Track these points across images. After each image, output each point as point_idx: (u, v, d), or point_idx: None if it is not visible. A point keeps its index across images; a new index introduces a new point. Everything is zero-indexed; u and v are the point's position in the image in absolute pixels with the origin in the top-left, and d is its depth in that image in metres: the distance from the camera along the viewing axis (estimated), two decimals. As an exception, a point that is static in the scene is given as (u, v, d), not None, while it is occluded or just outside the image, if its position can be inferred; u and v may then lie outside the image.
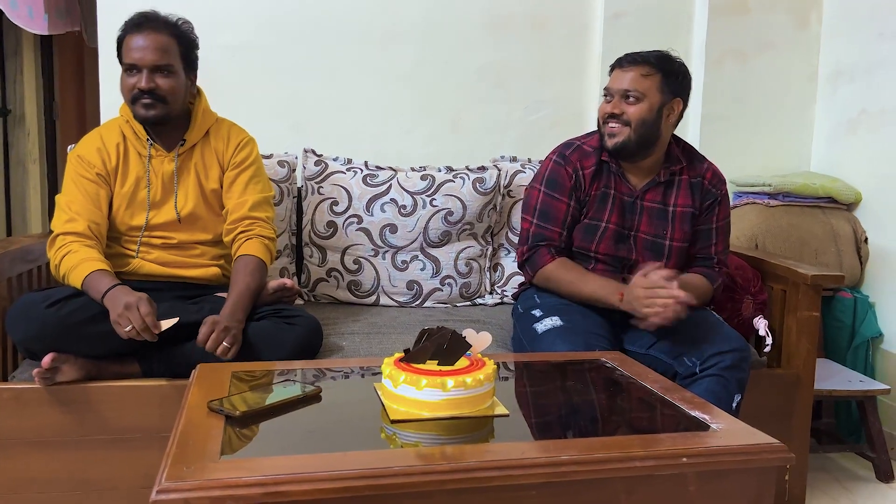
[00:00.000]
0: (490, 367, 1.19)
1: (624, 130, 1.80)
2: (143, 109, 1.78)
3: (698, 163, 1.93)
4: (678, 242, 1.88)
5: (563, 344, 1.68)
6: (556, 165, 1.91)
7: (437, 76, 2.63)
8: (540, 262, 1.87)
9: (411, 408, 1.14)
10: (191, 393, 1.23)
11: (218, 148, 1.91)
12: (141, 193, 1.83)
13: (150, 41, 1.76)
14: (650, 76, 1.80)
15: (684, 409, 1.21)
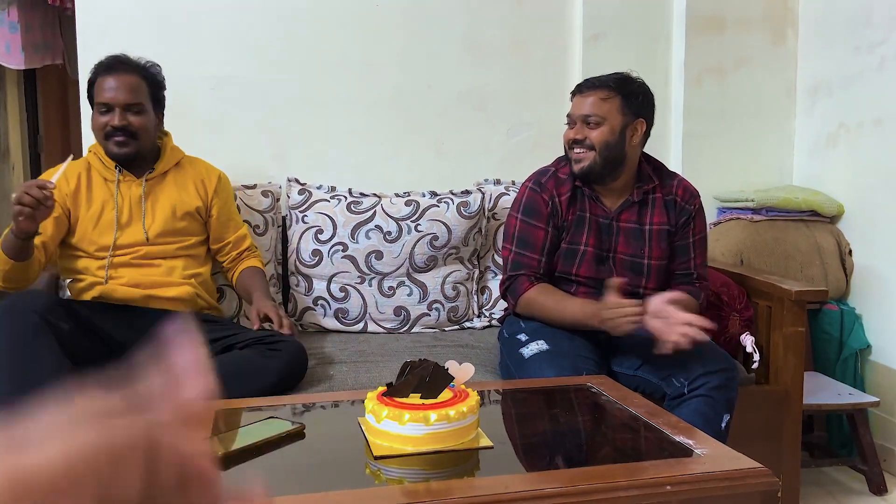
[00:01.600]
0: (473, 399, 1.19)
1: (588, 155, 1.82)
2: (115, 147, 1.87)
3: (669, 180, 1.95)
4: (656, 261, 1.89)
5: (550, 368, 1.67)
6: (532, 193, 1.92)
7: (419, 102, 2.64)
8: (520, 290, 1.87)
9: (395, 443, 1.13)
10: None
11: (195, 176, 2.03)
12: (108, 215, 1.91)
13: (122, 82, 1.87)
14: (609, 99, 1.82)
15: (669, 434, 1.20)
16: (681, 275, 1.93)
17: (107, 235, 1.90)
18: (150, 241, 1.92)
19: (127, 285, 1.88)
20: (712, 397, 1.63)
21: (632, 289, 1.87)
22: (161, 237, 1.94)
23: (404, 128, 2.64)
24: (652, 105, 1.90)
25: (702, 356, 1.69)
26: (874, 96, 2.45)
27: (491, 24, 2.67)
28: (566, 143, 1.89)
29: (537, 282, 1.87)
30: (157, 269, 1.93)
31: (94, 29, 2.44)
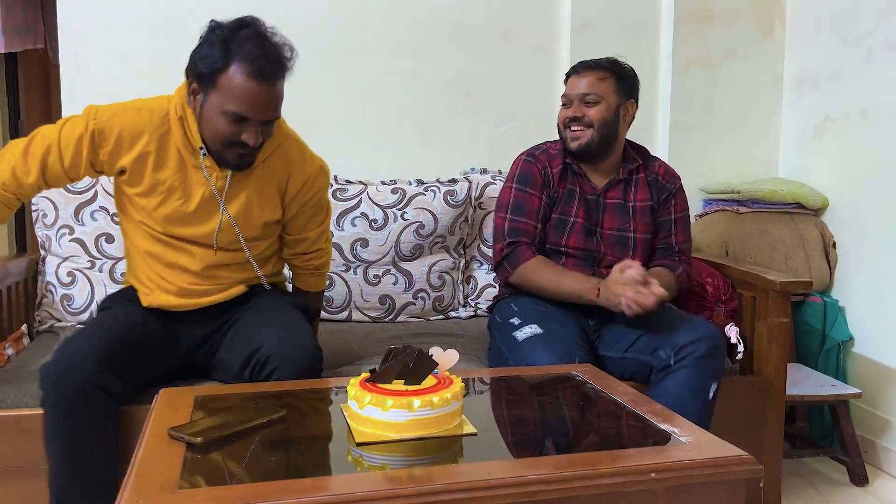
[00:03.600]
0: (457, 386, 1.17)
1: (587, 132, 1.90)
2: (236, 159, 1.56)
3: (651, 161, 2.03)
4: (641, 234, 1.95)
5: (544, 351, 1.67)
6: (527, 163, 1.99)
7: (405, 89, 2.62)
8: (521, 258, 1.89)
9: (378, 429, 1.12)
10: (152, 419, 1.20)
11: (282, 175, 1.68)
12: (173, 205, 1.61)
13: (272, 94, 1.49)
14: (605, 79, 1.91)
15: (653, 421, 1.20)
16: (662, 248, 1.98)
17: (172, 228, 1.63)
18: (217, 248, 1.66)
19: (174, 295, 1.66)
20: (698, 367, 1.64)
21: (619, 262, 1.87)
22: (230, 245, 1.68)
23: (390, 115, 2.62)
24: (638, 88, 1.99)
25: (685, 327, 1.71)
26: (861, 89, 2.46)
27: (479, 11, 2.65)
28: (561, 122, 1.95)
29: (535, 252, 1.90)
30: (213, 280, 1.68)
31: (76, 12, 2.40)
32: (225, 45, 1.47)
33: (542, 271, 1.87)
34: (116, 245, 2.18)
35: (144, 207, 1.64)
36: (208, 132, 1.54)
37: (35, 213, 2.22)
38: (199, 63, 1.50)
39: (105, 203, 2.19)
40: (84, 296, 2.16)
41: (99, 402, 1.42)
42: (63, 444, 1.43)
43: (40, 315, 2.18)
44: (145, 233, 1.66)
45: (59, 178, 1.61)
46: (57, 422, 1.43)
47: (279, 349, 1.51)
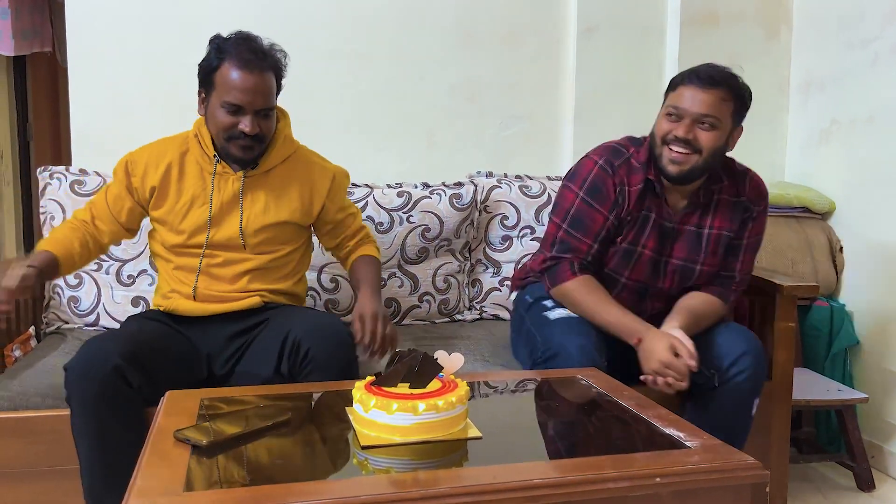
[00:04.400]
0: (462, 389, 1.17)
1: (692, 158, 1.65)
2: (239, 151, 1.69)
3: (740, 179, 1.79)
4: (709, 267, 1.78)
5: (576, 335, 1.65)
6: (602, 172, 1.74)
7: (411, 93, 2.62)
8: (560, 277, 1.76)
9: (383, 433, 1.12)
10: (158, 421, 1.20)
11: (304, 179, 1.81)
12: (197, 211, 1.74)
13: (259, 83, 1.65)
14: (727, 101, 1.64)
15: (659, 426, 1.20)
16: (723, 276, 1.82)
17: (198, 235, 1.74)
18: (247, 247, 1.75)
19: (189, 299, 1.74)
20: (744, 388, 1.61)
21: (673, 292, 1.82)
22: (255, 248, 1.76)
23: (396, 119, 2.62)
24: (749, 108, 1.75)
25: (728, 340, 1.66)
26: (867, 93, 2.45)
27: (484, 15, 2.65)
28: (661, 136, 1.68)
29: (581, 272, 1.74)
30: (232, 283, 1.75)
31: (84, 15, 2.41)
32: (218, 49, 1.69)
33: (583, 296, 1.72)
34: (123, 248, 2.19)
35: (171, 223, 1.76)
36: (213, 130, 1.71)
37: (43, 215, 2.22)
38: (201, 68, 1.72)
39: (112, 206, 2.19)
40: (91, 298, 2.17)
41: (123, 395, 1.47)
42: (91, 438, 1.47)
43: (48, 317, 2.18)
44: (173, 248, 1.78)
45: (104, 215, 1.80)
46: (84, 417, 1.47)
47: (311, 332, 1.57)
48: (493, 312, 2.43)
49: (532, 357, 1.73)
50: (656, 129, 1.71)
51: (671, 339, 1.60)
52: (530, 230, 2.44)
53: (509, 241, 2.44)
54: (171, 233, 1.77)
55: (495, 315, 2.43)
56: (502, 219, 2.44)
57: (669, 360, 1.56)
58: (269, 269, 1.79)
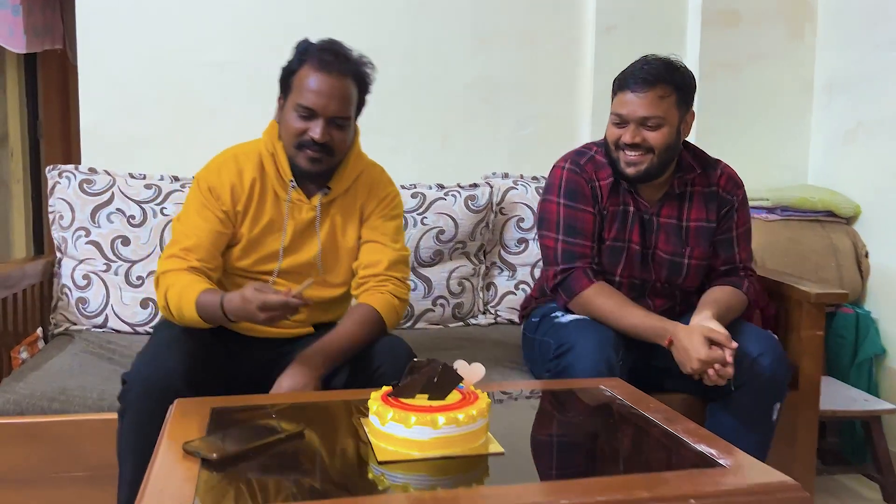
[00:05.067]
0: (483, 402, 1.12)
1: (646, 158, 1.66)
2: (306, 162, 1.56)
3: (711, 169, 1.79)
4: (696, 260, 1.77)
5: (591, 332, 1.61)
6: (572, 174, 1.75)
7: (425, 93, 2.57)
8: (577, 287, 1.71)
9: (400, 447, 1.07)
10: (166, 432, 1.15)
11: (360, 200, 1.69)
12: (270, 240, 1.62)
13: (337, 88, 1.53)
14: (667, 97, 1.64)
15: (689, 442, 1.14)
16: (726, 270, 1.80)
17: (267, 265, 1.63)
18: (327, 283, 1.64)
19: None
20: (762, 389, 1.56)
21: (668, 287, 1.80)
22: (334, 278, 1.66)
23: (410, 119, 2.57)
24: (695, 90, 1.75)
25: (744, 340, 1.60)
26: (893, 94, 2.38)
27: (500, 13, 2.60)
28: (612, 142, 1.70)
29: (595, 277, 1.72)
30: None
31: (94, 12, 2.37)
32: (301, 52, 1.59)
33: (603, 301, 1.67)
34: (132, 248, 2.15)
35: (244, 246, 1.63)
36: (285, 136, 1.59)
37: (52, 214, 2.19)
38: (282, 73, 1.61)
39: (122, 205, 2.16)
40: (99, 299, 2.13)
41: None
42: (139, 455, 1.36)
43: (56, 318, 2.15)
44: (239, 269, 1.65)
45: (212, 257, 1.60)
46: (136, 435, 1.39)
47: (382, 350, 1.50)
48: (508, 317, 2.38)
49: (545, 360, 1.69)
50: (607, 135, 1.73)
51: (703, 330, 1.55)
52: (547, 233, 2.39)
53: (525, 244, 2.39)
54: (241, 255, 1.63)
55: (510, 319, 2.38)
56: (518, 221, 2.39)
57: (709, 355, 1.52)
58: (325, 303, 1.68)
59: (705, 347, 1.52)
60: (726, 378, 1.53)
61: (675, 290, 1.81)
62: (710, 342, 1.53)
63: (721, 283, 1.78)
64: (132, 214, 2.16)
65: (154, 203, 2.17)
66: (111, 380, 1.70)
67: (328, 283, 1.67)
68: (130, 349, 1.95)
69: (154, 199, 2.18)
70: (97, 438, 1.58)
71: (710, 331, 1.54)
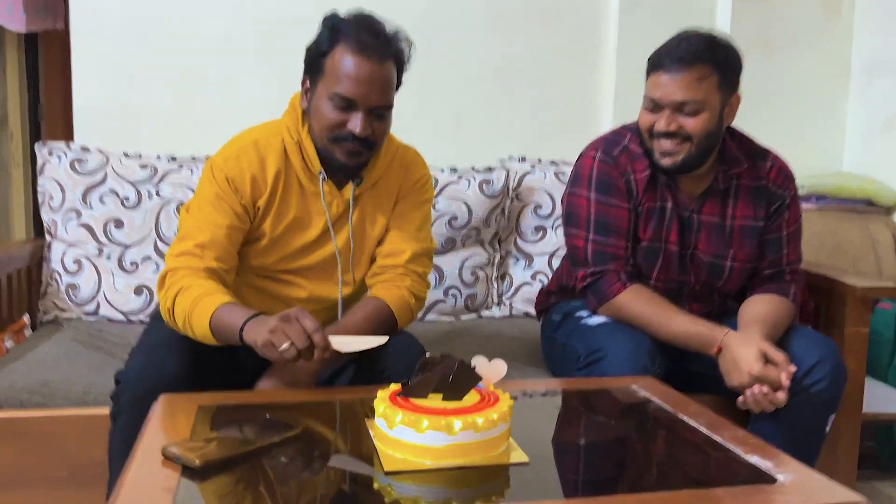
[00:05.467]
0: (505, 404, 0.99)
1: (683, 147, 1.49)
2: (344, 157, 1.37)
3: (760, 161, 1.61)
4: (740, 263, 1.59)
5: (624, 339, 1.46)
6: (603, 165, 1.58)
7: (439, 74, 2.43)
8: (608, 292, 1.55)
9: (410, 454, 0.94)
10: (145, 433, 1.02)
11: (395, 185, 1.51)
12: (295, 238, 1.44)
13: (378, 74, 1.33)
14: (707, 78, 1.45)
15: (739, 452, 1.00)
16: (771, 274, 1.63)
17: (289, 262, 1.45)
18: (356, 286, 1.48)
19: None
20: (818, 401, 1.42)
21: (707, 290, 1.64)
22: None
23: (421, 103, 2.41)
24: (741, 70, 1.54)
25: (800, 347, 1.46)
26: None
27: (518, -9, 2.46)
28: (646, 129, 1.53)
29: (629, 280, 1.55)
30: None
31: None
32: (332, 29, 1.37)
33: (640, 308, 1.51)
34: (126, 231, 2.02)
35: (265, 245, 1.45)
36: (317, 127, 1.38)
37: (41, 195, 2.07)
38: (309, 53, 1.40)
39: (115, 185, 2.03)
40: (91, 285, 2.01)
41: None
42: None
43: (44, 305, 2.03)
44: (254, 268, 1.47)
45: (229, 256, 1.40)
46: (129, 439, 1.23)
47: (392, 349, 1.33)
48: (523, 309, 2.25)
49: (571, 367, 1.55)
50: (640, 122, 1.55)
51: (760, 343, 1.40)
52: (566, 220, 2.25)
53: (543, 232, 2.25)
54: (260, 254, 1.45)
55: (526, 312, 2.24)
56: (535, 207, 2.25)
57: (762, 371, 1.37)
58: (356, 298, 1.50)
59: (760, 363, 1.37)
60: (776, 406, 1.38)
61: (714, 293, 1.66)
62: (765, 358, 1.39)
63: (764, 290, 1.61)
64: (126, 196, 2.03)
65: (149, 184, 2.05)
66: (99, 371, 1.58)
67: (348, 282, 1.50)
68: (123, 338, 1.83)
69: (149, 180, 2.05)
70: (81, 436, 1.46)
71: (767, 346, 1.40)
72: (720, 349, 1.44)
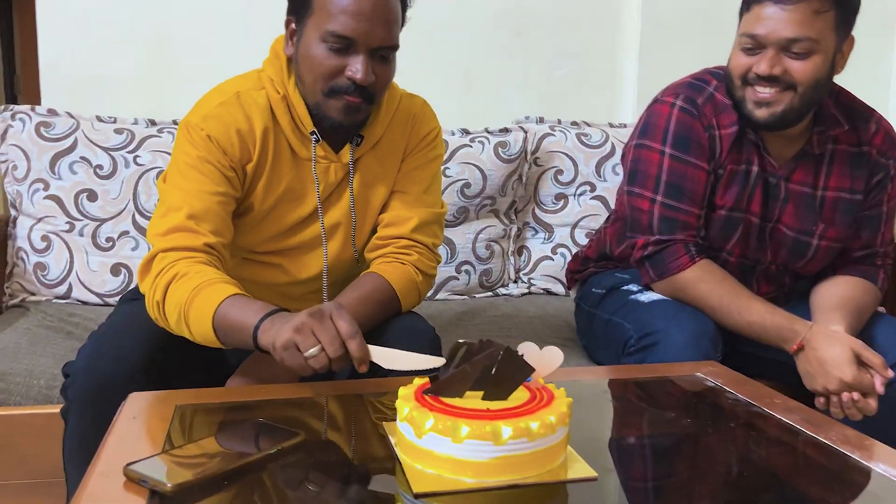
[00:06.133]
0: (563, 403, 0.78)
1: (785, 97, 1.25)
2: (341, 112, 1.14)
3: (863, 123, 1.39)
4: (829, 241, 1.39)
5: (686, 319, 1.26)
6: (685, 115, 1.35)
7: (447, 25, 2.21)
8: (673, 265, 1.34)
9: (446, 470, 0.73)
10: (107, 442, 0.81)
11: (401, 141, 1.28)
12: (285, 212, 1.22)
13: (381, 6, 1.10)
14: (824, 13, 1.21)
15: (857, 458, 0.79)
16: (860, 256, 1.44)
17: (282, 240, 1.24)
18: (360, 260, 1.28)
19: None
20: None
21: (783, 270, 1.44)
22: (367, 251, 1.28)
23: (429, 55, 2.20)
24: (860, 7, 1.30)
25: (888, 338, 1.29)
26: None
27: (533, -68, 2.23)
28: (739, 74, 1.29)
29: (699, 255, 1.34)
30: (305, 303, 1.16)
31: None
32: None
33: (711, 288, 1.31)
34: (100, 204, 1.80)
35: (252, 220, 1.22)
36: (307, 77, 1.15)
37: (3, 164, 1.84)
38: None
39: (86, 153, 1.80)
40: (61, 264, 1.79)
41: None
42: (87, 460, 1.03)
43: (10, 287, 1.81)
44: (243, 250, 1.25)
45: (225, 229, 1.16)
46: (81, 440, 1.05)
47: (400, 333, 1.13)
48: (543, 286, 2.05)
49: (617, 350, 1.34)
50: (732, 65, 1.32)
51: (852, 343, 1.20)
52: (590, 187, 2.03)
53: (564, 201, 2.04)
54: (245, 231, 1.22)
55: (546, 289, 2.04)
56: (556, 173, 2.03)
57: (856, 378, 1.18)
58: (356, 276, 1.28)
59: (853, 367, 1.18)
60: (866, 414, 1.19)
61: (788, 274, 1.45)
62: (858, 360, 1.19)
63: (850, 271, 1.42)
64: (99, 164, 1.80)
65: (126, 150, 1.82)
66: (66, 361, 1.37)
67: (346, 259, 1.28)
68: (97, 322, 1.58)
69: (126, 146, 1.82)
70: (42, 437, 1.25)
71: (861, 346, 1.20)
72: (801, 346, 1.24)
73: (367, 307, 1.15)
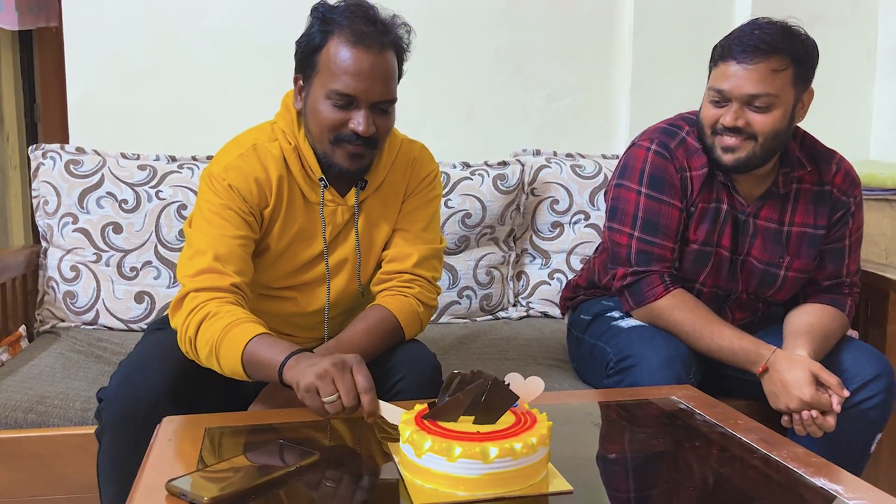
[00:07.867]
0: (544, 426, 0.89)
1: (748, 145, 1.37)
2: (347, 159, 1.25)
3: (825, 164, 1.50)
4: (795, 272, 1.50)
5: (659, 346, 1.36)
6: (659, 158, 1.46)
7: (449, 61, 2.33)
8: (648, 295, 1.45)
9: (441, 485, 0.84)
10: (148, 463, 0.93)
11: (402, 183, 1.39)
12: (299, 252, 1.33)
13: (379, 66, 1.21)
14: (782, 71, 1.33)
15: (804, 475, 0.90)
16: (830, 286, 1.53)
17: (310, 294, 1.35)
18: (365, 293, 1.38)
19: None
20: (868, 419, 1.33)
21: (754, 299, 1.55)
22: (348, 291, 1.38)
23: (432, 90, 2.33)
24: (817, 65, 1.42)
25: (852, 361, 1.39)
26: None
27: (531, -27, 2.36)
28: (709, 124, 1.41)
29: (672, 285, 1.45)
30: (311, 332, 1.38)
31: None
32: (323, 20, 1.24)
33: (683, 316, 1.41)
34: (125, 236, 1.93)
35: (268, 260, 1.33)
36: (315, 130, 1.26)
37: (35, 199, 1.97)
38: (300, 48, 1.27)
39: (113, 188, 1.93)
40: (89, 293, 1.91)
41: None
42: (121, 485, 1.13)
43: (41, 314, 1.94)
44: (259, 286, 1.35)
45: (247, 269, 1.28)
46: (115, 461, 1.16)
47: (403, 362, 1.25)
48: (541, 309, 2.15)
49: (599, 371, 1.45)
50: (702, 115, 1.44)
51: (810, 365, 1.30)
52: (584, 216, 2.15)
53: (560, 228, 2.15)
54: (261, 270, 1.33)
55: (544, 312, 2.15)
56: (552, 203, 2.15)
57: (814, 397, 1.28)
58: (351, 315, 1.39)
59: (812, 387, 1.28)
60: (825, 430, 1.29)
61: (760, 302, 1.56)
62: (817, 381, 1.29)
63: (820, 299, 1.52)
64: (124, 198, 1.93)
65: (148, 186, 1.95)
66: (98, 385, 1.49)
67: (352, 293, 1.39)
68: (124, 347, 1.74)
69: (149, 182, 1.95)
70: (79, 456, 1.37)
71: (819, 368, 1.31)
72: (766, 369, 1.34)
73: (374, 337, 1.27)
